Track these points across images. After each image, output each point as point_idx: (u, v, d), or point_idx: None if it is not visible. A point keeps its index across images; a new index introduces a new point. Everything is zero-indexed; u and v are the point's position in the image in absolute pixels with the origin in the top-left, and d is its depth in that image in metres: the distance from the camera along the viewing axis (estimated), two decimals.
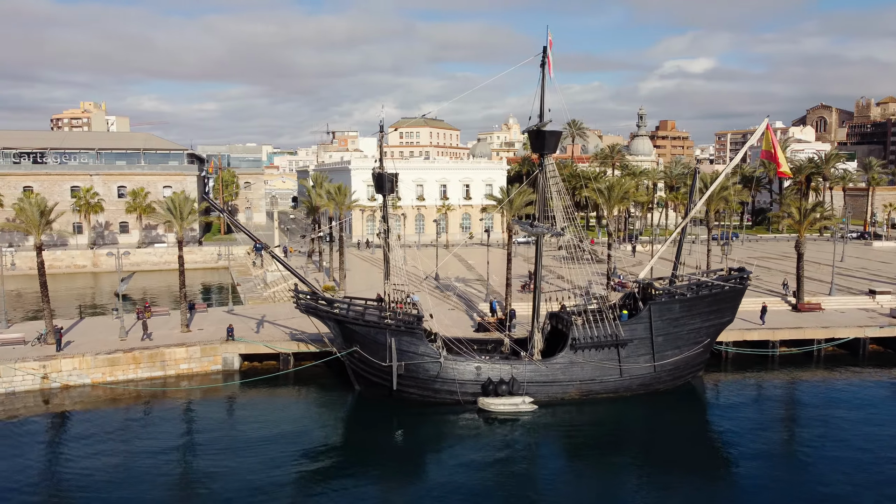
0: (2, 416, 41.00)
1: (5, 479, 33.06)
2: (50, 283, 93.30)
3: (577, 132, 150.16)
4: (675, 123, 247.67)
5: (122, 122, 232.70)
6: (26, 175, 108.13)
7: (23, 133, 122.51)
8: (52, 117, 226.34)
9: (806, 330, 53.75)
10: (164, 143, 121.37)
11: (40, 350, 46.68)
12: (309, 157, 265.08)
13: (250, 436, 38.70)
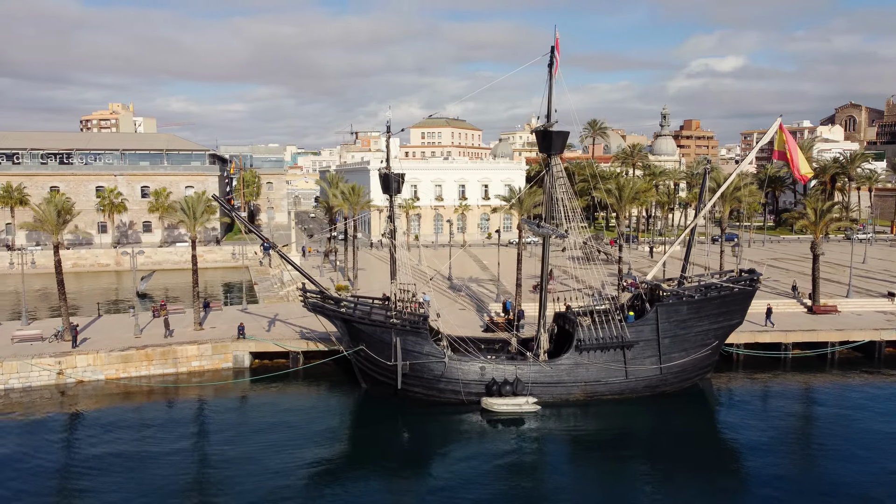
0: (19, 411, 42.07)
1: (22, 472, 33.85)
2: (74, 281, 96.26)
3: (598, 132, 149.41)
4: (700, 123, 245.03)
5: (150, 124, 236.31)
6: (53, 175, 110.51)
7: (50, 134, 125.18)
8: (82, 118, 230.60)
9: (819, 332, 53.04)
10: (186, 144, 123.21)
11: (57, 347, 47.81)
12: (332, 157, 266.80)
13: (258, 432, 39.34)
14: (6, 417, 40.92)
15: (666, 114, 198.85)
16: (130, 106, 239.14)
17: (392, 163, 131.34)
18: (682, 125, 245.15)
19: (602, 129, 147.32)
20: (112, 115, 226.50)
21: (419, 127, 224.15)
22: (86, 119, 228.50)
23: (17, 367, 44.64)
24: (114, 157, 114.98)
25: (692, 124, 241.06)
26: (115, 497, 31.59)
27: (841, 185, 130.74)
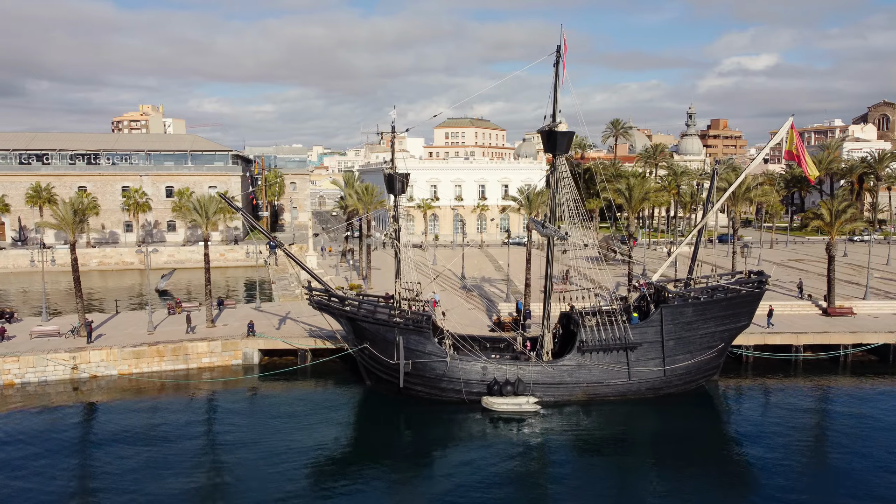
0: (35, 404, 43.33)
1: (38, 466, 34.75)
2: (99, 279, 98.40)
3: (622, 132, 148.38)
4: (728, 122, 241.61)
5: (179, 125, 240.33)
6: (81, 175, 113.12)
7: (78, 135, 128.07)
8: (113, 120, 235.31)
9: (832, 335, 52.28)
10: (209, 145, 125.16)
11: (72, 342, 49.13)
12: (357, 157, 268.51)
13: (264, 427, 40.20)
14: (23, 409, 42.20)
15: (692, 113, 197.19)
16: (160, 107, 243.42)
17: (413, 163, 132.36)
18: (710, 125, 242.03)
19: (625, 129, 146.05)
20: (142, 117, 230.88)
21: (443, 127, 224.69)
22: (117, 120, 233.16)
23: (33, 361, 46.00)
24: (139, 157, 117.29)
25: (719, 123, 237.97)
26: (129, 482, 32.72)
27: (869, 185, 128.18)
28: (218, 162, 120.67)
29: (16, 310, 59.89)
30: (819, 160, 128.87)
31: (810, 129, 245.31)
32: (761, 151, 46.14)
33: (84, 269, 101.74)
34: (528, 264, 57.49)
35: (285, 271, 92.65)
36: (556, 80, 44.06)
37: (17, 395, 44.74)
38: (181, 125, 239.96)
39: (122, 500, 31.37)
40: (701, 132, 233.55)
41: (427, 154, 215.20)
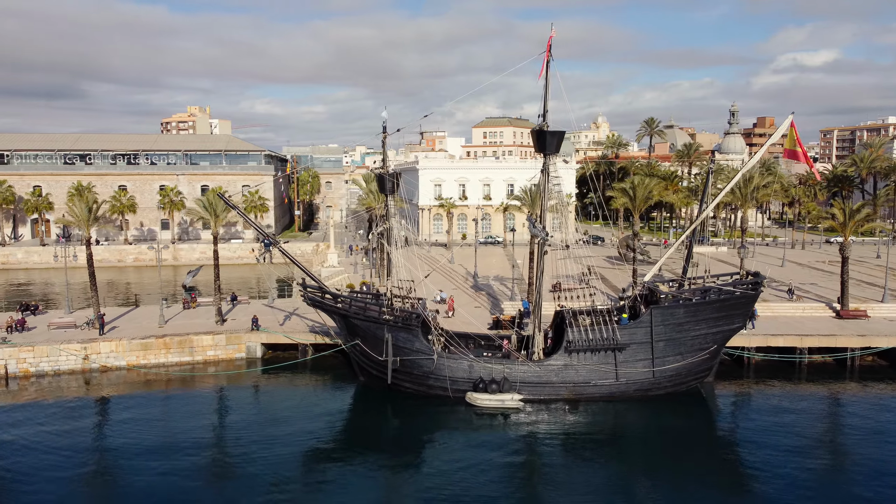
0: (48, 392, 45.71)
1: (52, 452, 36.37)
2: (135, 274, 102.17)
3: (657, 131, 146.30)
4: (774, 120, 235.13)
5: (225, 125, 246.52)
6: (121, 175, 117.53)
7: (119, 136, 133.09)
8: (162, 121, 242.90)
9: (839, 338, 51.00)
10: (244, 145, 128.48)
11: (86, 334, 51.48)
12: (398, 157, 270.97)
13: (260, 418, 41.99)
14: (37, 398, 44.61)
15: (734, 111, 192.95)
16: (207, 109, 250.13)
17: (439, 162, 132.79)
18: (755, 123, 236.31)
19: (660, 128, 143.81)
20: (189, 118, 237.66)
21: (481, 126, 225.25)
22: (166, 121, 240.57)
23: (47, 351, 48.44)
24: (177, 157, 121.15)
25: (766, 122, 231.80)
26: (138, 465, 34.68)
27: None
28: (251, 162, 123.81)
29: (40, 303, 62.87)
30: (861, 159, 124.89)
31: (862, 126, 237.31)
32: (759, 151, 45.28)
33: (121, 265, 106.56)
34: (531, 263, 57.60)
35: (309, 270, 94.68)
36: (546, 79, 43.98)
37: (31, 382, 47.24)
38: (227, 126, 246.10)
39: (133, 480, 33.20)
40: (746, 130, 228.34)
41: (465, 153, 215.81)
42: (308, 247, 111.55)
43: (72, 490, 32.62)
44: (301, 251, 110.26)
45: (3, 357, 47.77)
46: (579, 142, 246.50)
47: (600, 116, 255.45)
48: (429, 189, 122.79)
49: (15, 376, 47.70)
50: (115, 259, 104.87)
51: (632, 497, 32.33)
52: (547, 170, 44.93)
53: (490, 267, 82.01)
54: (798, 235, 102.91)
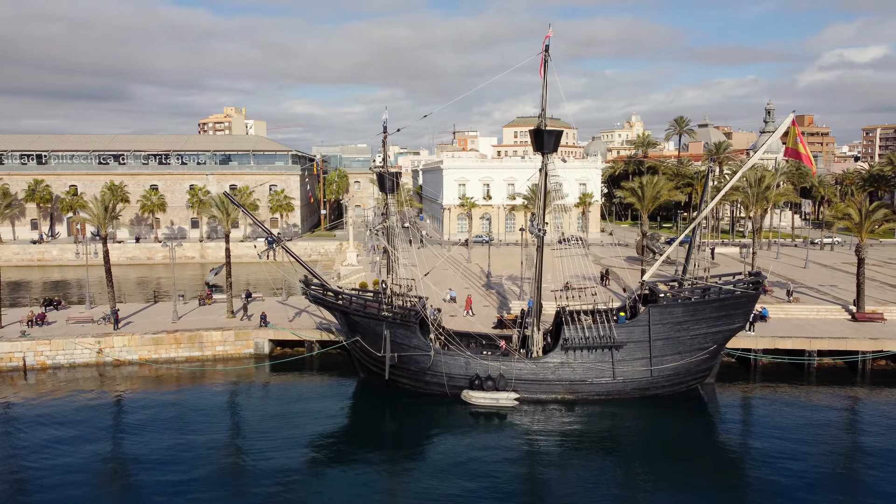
0: (63, 384, 47.43)
1: (69, 442, 37.81)
2: (164, 271, 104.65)
3: (686, 130, 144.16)
4: (814, 118, 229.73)
5: (260, 126, 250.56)
6: (152, 175, 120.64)
7: (151, 137, 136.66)
8: (199, 122, 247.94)
9: (850, 340, 49.88)
10: (272, 145, 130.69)
11: (101, 328, 53.23)
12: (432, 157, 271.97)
13: (259, 416, 42.88)
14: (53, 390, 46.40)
15: (770, 109, 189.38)
16: (243, 110, 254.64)
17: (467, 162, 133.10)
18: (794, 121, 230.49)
19: (689, 127, 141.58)
20: (225, 119, 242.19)
21: (512, 126, 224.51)
22: (203, 122, 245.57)
23: (63, 345, 50.23)
24: (206, 157, 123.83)
25: (804, 120, 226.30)
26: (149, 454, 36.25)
27: None
28: (279, 162, 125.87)
29: (64, 298, 65.11)
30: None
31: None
32: (759, 150, 44.65)
33: (151, 262, 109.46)
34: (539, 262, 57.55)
35: (330, 268, 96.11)
36: (544, 79, 44.08)
37: (48, 374, 49.06)
38: (262, 127, 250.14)
39: (141, 473, 34.54)
40: None
41: (496, 153, 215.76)
42: (332, 245, 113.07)
43: (85, 479, 33.85)
44: (325, 250, 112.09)
45: (21, 350, 49.69)
46: (612, 141, 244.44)
47: (634, 115, 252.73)
48: (453, 189, 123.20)
49: (33, 368, 49.60)
50: (145, 257, 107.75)
51: (625, 497, 32.19)
52: (545, 169, 44.99)
53: (506, 266, 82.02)
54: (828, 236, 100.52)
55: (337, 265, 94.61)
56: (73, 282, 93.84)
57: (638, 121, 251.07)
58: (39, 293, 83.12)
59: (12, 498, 32.21)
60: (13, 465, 35.46)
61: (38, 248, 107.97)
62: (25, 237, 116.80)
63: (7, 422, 41.17)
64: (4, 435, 39.21)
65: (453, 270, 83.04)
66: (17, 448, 37.27)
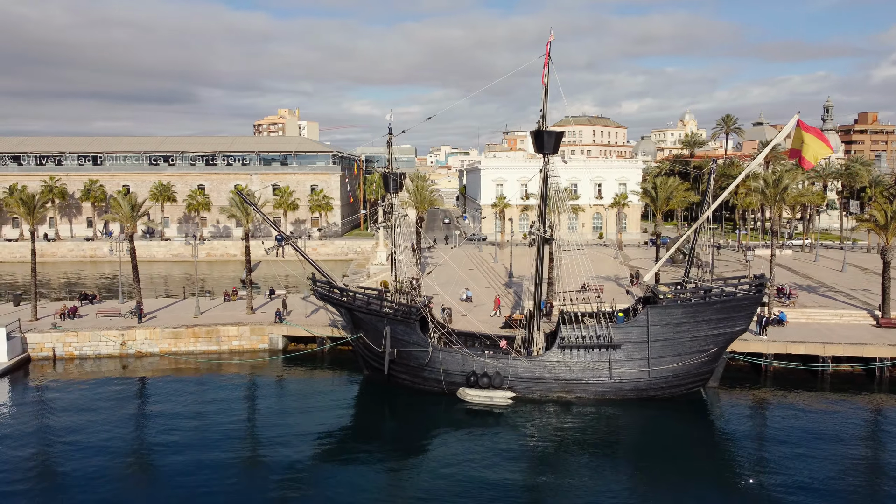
0: (88, 373, 50.18)
1: (92, 430, 39.90)
2: (205, 267, 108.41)
3: (734, 129, 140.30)
4: (878, 116, 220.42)
5: (312, 127, 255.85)
6: (199, 175, 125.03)
7: (199, 139, 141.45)
8: (255, 123, 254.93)
9: (867, 347, 48.26)
10: (313, 146, 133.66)
11: (127, 322, 55.89)
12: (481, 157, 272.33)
13: (267, 407, 45.28)
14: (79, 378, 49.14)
15: (829, 106, 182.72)
16: (296, 111, 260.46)
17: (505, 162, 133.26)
18: (857, 119, 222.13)
19: (736, 126, 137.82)
20: (279, 120, 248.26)
21: (559, 126, 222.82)
22: (258, 123, 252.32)
23: (89, 337, 53.02)
24: (250, 158, 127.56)
25: (867, 117, 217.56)
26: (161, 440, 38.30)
27: None
28: (320, 162, 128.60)
29: (99, 293, 68.49)
30: None
31: None
32: (764, 151, 43.66)
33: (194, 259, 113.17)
34: (552, 263, 57.61)
35: (364, 266, 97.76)
36: (546, 80, 44.28)
37: (75, 364, 51.91)
38: (314, 128, 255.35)
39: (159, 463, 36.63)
40: (845, 127, 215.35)
41: None
42: (368, 244, 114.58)
43: (107, 458, 36.29)
44: (361, 249, 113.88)
45: (51, 341, 52.70)
46: (664, 140, 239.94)
47: (688, 114, 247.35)
48: (490, 189, 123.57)
49: (61, 358, 52.54)
50: (189, 254, 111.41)
51: (615, 495, 32.21)
52: (545, 170, 45.16)
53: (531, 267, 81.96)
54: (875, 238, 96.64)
55: (369, 264, 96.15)
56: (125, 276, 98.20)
57: (692, 119, 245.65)
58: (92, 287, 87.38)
59: (43, 471, 35.03)
60: (42, 442, 38.56)
61: (91, 244, 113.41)
62: (82, 235, 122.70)
63: (39, 402, 44.59)
64: (35, 415, 42.49)
65: (479, 270, 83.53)
66: (44, 427, 40.52)
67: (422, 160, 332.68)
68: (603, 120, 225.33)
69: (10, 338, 50.44)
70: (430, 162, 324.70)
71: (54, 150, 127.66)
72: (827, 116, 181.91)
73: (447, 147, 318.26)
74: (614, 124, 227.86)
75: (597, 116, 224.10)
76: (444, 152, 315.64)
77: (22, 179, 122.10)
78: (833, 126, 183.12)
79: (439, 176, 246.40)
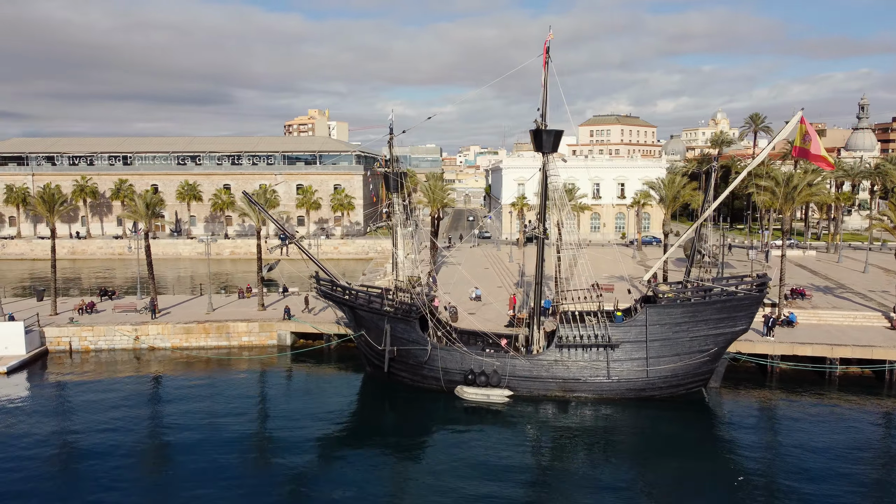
0: (102, 365, 51.72)
1: (108, 421, 41.34)
2: (230, 265, 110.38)
3: (762, 128, 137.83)
4: None
5: (342, 127, 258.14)
6: (225, 175, 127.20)
7: (226, 139, 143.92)
8: (285, 123, 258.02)
9: (876, 349, 47.32)
10: (337, 146, 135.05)
11: (141, 317, 57.37)
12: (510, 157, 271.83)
13: (272, 401, 46.38)
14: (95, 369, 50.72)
15: (865, 104, 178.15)
16: (326, 112, 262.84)
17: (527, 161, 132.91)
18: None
19: (765, 125, 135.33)
20: (309, 120, 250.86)
21: (587, 125, 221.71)
22: (288, 124, 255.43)
23: (104, 331, 54.61)
24: (275, 158, 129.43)
25: None
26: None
27: None
28: (343, 162, 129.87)
29: (117, 289, 70.39)
30: None
31: None
32: (765, 149, 43.05)
33: (218, 257, 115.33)
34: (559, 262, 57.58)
35: (383, 265, 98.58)
36: (545, 79, 44.33)
37: (91, 357, 53.53)
38: (344, 128, 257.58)
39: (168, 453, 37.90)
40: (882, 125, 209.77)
41: (571, 152, 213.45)
42: (389, 243, 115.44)
43: (122, 439, 38.29)
44: (381, 248, 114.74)
45: (68, 335, 54.39)
46: (696, 139, 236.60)
47: (719, 112, 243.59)
48: (512, 188, 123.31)
49: (77, 351, 54.21)
50: (214, 252, 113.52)
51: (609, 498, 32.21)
52: (545, 169, 45.21)
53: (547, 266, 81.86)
54: None
55: (387, 262, 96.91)
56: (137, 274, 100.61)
57: (724, 118, 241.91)
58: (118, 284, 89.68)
59: (61, 455, 36.94)
60: (52, 426, 40.62)
61: (120, 242, 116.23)
62: (112, 233, 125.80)
63: (53, 391, 47.19)
64: (49, 401, 44.92)
65: (494, 269, 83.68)
66: (57, 412, 42.93)
67: (451, 160, 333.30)
68: (632, 119, 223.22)
69: (28, 332, 52.18)
70: (459, 161, 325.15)
71: (86, 150, 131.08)
72: (862, 114, 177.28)
73: (476, 147, 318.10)
74: (643, 123, 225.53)
75: (625, 116, 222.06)
76: (474, 152, 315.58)
77: (56, 179, 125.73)
78: (869, 124, 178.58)
79: (467, 175, 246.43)
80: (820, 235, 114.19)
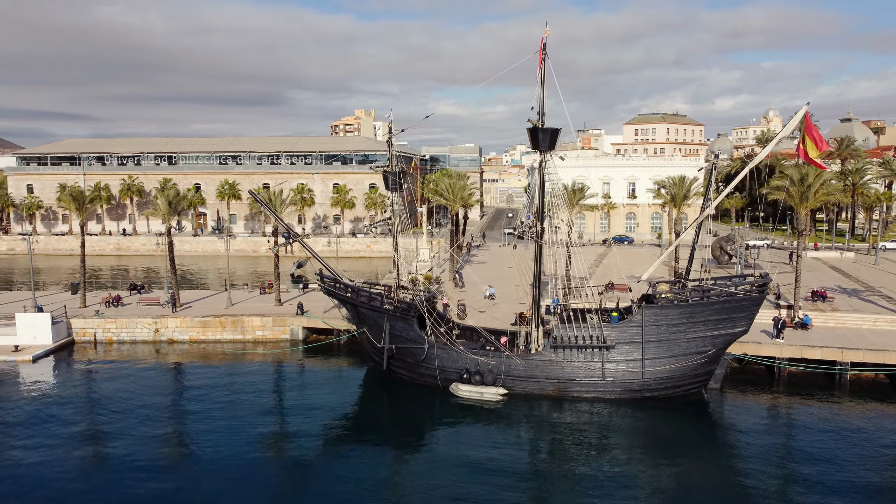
0: (124, 355, 54.09)
1: (129, 410, 42.98)
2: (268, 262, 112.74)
3: None
4: None
5: (385, 127, 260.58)
6: (264, 174, 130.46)
7: (265, 139, 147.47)
8: (332, 124, 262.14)
9: (889, 353, 45.76)
10: (372, 146, 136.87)
11: (162, 310, 59.62)
12: None
13: (279, 393, 47.83)
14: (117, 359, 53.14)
15: None
16: (372, 112, 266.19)
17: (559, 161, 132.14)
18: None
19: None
20: (355, 121, 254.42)
21: (632, 124, 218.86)
22: (334, 124, 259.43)
23: (126, 323, 57.01)
24: (313, 157, 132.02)
25: None
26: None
27: None
28: (378, 161, 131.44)
29: (150, 284, 73.18)
30: None
31: None
32: (768, 147, 42.05)
33: (255, 254, 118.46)
34: (570, 261, 57.51)
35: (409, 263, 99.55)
36: (542, 76, 44.43)
37: (113, 348, 56.06)
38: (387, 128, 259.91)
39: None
40: None
41: (615, 151, 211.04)
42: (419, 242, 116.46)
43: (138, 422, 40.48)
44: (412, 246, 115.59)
45: (93, 327, 57.00)
46: (746, 138, 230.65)
47: (771, 110, 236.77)
48: None
49: (101, 342, 56.76)
50: (251, 249, 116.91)
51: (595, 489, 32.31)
52: (542, 167, 45.26)
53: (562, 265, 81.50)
54: None
55: (413, 261, 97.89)
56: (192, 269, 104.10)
57: (776, 116, 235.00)
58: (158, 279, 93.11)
59: (88, 434, 39.28)
60: (72, 407, 43.29)
61: (161, 239, 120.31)
62: (156, 230, 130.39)
63: (78, 374, 50.03)
64: (71, 385, 47.72)
65: (517, 268, 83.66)
66: (77, 398, 45.24)
67: (498, 159, 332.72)
68: (678, 117, 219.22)
69: (56, 322, 54.88)
70: (504, 161, 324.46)
71: (134, 150, 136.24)
72: None
73: (522, 146, 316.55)
74: (690, 122, 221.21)
75: (671, 114, 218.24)
76: (520, 151, 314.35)
77: (105, 178, 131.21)
78: None
79: (510, 175, 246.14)
80: (866, 237, 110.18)
